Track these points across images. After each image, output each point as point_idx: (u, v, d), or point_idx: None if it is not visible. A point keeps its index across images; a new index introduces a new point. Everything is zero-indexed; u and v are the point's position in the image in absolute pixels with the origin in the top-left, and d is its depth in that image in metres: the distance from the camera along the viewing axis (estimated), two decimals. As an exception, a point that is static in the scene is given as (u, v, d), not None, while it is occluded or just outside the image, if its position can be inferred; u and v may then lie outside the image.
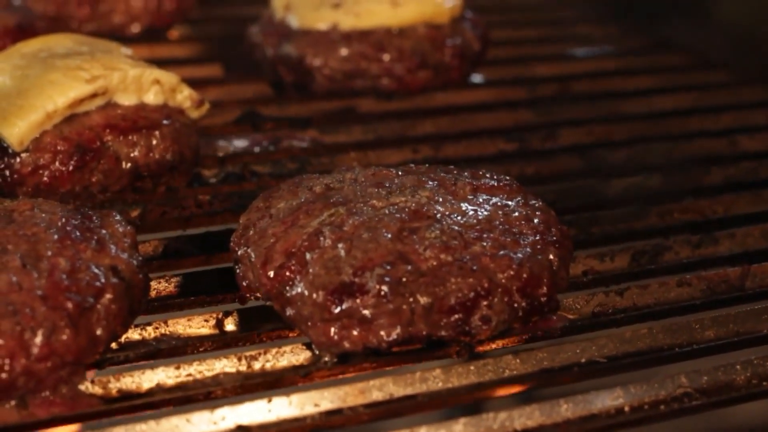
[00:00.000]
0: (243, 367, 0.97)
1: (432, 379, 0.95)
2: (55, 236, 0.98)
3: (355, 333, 0.95)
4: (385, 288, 0.95)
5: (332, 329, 0.95)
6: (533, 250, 1.00)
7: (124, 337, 1.00)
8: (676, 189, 1.39)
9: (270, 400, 0.91)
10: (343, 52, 1.58)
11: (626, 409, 0.94)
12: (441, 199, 1.05)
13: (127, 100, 1.26)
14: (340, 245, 0.98)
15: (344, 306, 0.95)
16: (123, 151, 1.23)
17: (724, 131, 1.57)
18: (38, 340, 0.89)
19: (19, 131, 1.18)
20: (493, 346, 1.00)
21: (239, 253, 1.04)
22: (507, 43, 1.90)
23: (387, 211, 1.02)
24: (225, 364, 0.97)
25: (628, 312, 1.07)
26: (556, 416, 0.93)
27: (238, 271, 1.04)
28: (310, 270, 0.97)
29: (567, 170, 1.44)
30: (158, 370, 0.95)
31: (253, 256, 1.02)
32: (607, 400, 0.94)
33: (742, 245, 1.23)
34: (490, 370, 0.97)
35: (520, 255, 0.98)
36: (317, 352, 0.98)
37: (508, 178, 1.12)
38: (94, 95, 1.23)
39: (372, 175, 1.10)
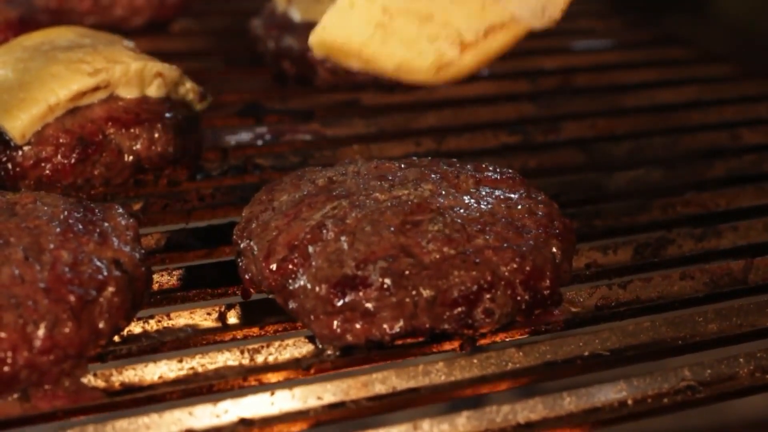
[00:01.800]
0: (246, 360, 0.97)
1: (435, 372, 0.95)
2: (58, 229, 0.98)
3: (357, 326, 0.95)
4: (387, 281, 0.94)
5: (335, 322, 0.95)
6: (536, 243, 0.99)
7: (126, 330, 1.00)
8: (678, 182, 1.39)
9: (273, 393, 0.91)
10: (345, 45, 1.58)
11: (629, 402, 0.95)
12: (444, 192, 1.05)
13: (129, 93, 1.26)
14: (342, 238, 0.98)
15: (347, 299, 0.94)
16: (125, 144, 1.23)
17: (727, 124, 1.57)
18: (41, 332, 0.89)
19: (21, 124, 1.18)
20: (496, 339, 1.00)
21: (242, 245, 1.04)
22: (509, 36, 1.90)
23: (389, 204, 1.02)
24: (228, 357, 0.97)
25: (631, 305, 1.07)
26: (559, 409, 0.93)
27: (240, 264, 1.04)
28: (313, 263, 0.97)
29: (569, 163, 1.44)
30: (161, 363, 0.95)
31: (255, 249, 1.02)
32: (611, 393, 0.94)
33: (745, 238, 1.23)
34: (493, 364, 0.97)
35: (523, 248, 0.98)
36: (320, 345, 0.98)
37: (510, 171, 1.11)
38: (96, 88, 1.23)
39: (374, 168, 1.10)
